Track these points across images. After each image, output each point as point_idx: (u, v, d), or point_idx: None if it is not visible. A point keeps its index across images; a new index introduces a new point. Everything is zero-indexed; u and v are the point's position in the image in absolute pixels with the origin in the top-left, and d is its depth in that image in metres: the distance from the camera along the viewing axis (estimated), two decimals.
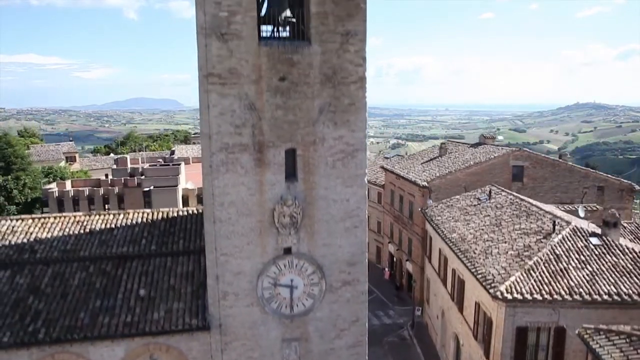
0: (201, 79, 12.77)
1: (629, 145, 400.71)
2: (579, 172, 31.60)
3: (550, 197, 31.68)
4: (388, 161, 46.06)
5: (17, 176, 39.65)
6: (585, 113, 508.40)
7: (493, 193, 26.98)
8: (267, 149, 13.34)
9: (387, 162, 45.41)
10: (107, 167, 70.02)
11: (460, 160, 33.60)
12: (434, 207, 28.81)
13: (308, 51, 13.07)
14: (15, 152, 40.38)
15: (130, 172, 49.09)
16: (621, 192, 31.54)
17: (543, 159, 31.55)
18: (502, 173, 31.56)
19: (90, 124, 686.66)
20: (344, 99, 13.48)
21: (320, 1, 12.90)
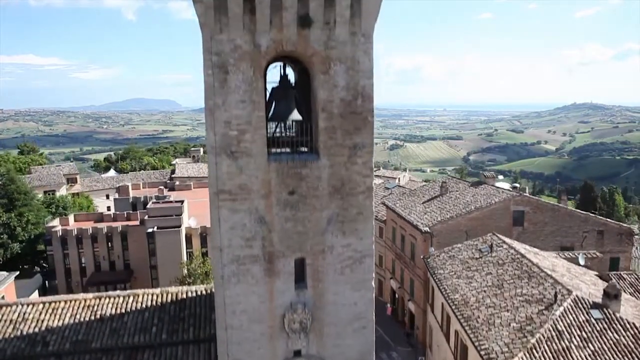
0: (212, 196, 13.04)
1: (626, 146, 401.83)
2: (578, 217, 31.98)
3: (550, 241, 32.09)
4: (389, 192, 46.43)
5: (21, 212, 39.85)
6: (582, 113, 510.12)
7: (494, 245, 27.32)
8: (277, 260, 13.63)
9: (388, 195, 45.77)
10: (108, 188, 70.37)
11: (461, 202, 33.92)
12: (436, 257, 29.14)
13: (317, 165, 13.35)
14: (18, 188, 40.53)
15: (132, 201, 49.31)
16: (620, 235, 31.93)
17: (543, 204, 31.92)
18: (503, 218, 31.92)
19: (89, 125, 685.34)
20: (352, 209, 13.77)
21: (328, 116, 13.19)
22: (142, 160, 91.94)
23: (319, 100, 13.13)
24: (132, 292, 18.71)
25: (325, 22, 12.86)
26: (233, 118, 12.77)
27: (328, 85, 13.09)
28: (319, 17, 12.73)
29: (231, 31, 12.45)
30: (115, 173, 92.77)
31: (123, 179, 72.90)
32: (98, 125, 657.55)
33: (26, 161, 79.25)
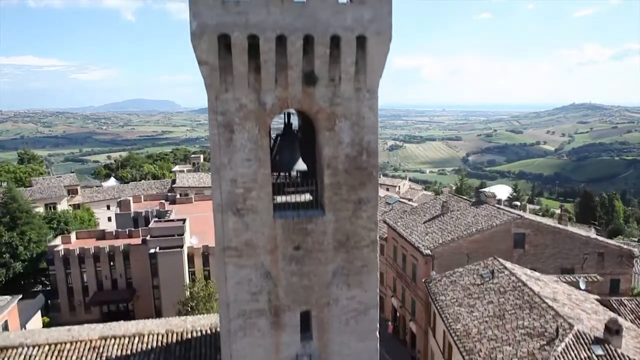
0: (219, 252, 13.15)
1: (625, 146, 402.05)
2: (579, 239, 32.10)
3: (551, 263, 32.24)
4: (390, 208, 46.54)
5: (23, 231, 39.92)
6: (581, 114, 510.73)
7: (495, 271, 27.45)
8: (283, 313, 13.73)
9: (389, 211, 45.89)
10: (108, 199, 70.43)
11: (463, 223, 34.04)
12: (438, 282, 29.27)
13: (322, 220, 13.45)
14: (20, 206, 40.60)
15: (133, 216, 49.39)
16: (621, 257, 32.08)
17: (544, 227, 32.03)
18: (504, 240, 32.06)
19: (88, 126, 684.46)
20: (357, 262, 13.88)
21: (333, 172, 13.30)
22: (142, 169, 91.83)
23: (324, 156, 13.24)
24: (138, 332, 18.78)
25: (330, 79, 12.96)
26: (239, 176, 12.87)
27: (333, 141, 13.19)
28: (324, 74, 12.82)
29: (236, 90, 12.54)
30: (116, 181, 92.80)
31: (124, 189, 72.98)
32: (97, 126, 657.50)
33: (26, 171, 79.28)
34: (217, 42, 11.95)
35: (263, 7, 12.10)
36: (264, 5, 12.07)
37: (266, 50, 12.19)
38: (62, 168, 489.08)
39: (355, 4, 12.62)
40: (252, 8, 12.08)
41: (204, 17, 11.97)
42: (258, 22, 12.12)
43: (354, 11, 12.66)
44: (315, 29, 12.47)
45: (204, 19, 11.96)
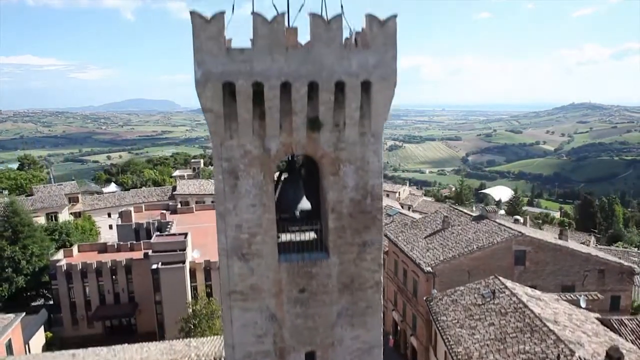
0: (224, 296, 13.20)
1: (624, 146, 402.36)
2: (580, 256, 32.21)
3: (552, 280, 32.36)
4: (391, 220, 46.67)
5: (25, 245, 40.00)
6: (580, 113, 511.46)
7: (497, 291, 27.57)
8: (288, 354, 13.82)
9: (389, 223, 46.03)
10: (109, 207, 70.54)
11: (464, 239, 34.15)
12: (439, 300, 29.38)
13: (326, 263, 13.54)
14: (22, 220, 40.68)
15: (135, 227, 49.52)
16: (622, 274, 32.21)
17: (545, 244, 32.11)
18: (505, 257, 32.17)
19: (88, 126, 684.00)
20: (361, 303, 13.97)
21: (338, 217, 13.36)
22: (143, 174, 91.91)
23: (329, 201, 13.30)
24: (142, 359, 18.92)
25: (334, 124, 13.02)
26: (244, 222, 12.94)
27: (338, 186, 13.25)
28: (329, 119, 12.89)
29: (241, 137, 12.60)
30: (116, 187, 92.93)
31: (124, 196, 73.13)
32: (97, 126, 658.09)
33: (27, 177, 79.41)
34: (222, 90, 12.03)
35: (267, 55, 12.17)
36: (269, 53, 12.13)
37: (271, 98, 12.26)
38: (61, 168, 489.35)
39: (360, 49, 12.70)
40: (256, 56, 12.13)
41: (208, 65, 12.02)
42: (262, 69, 12.18)
43: (358, 56, 12.70)
44: (320, 75, 12.53)
45: (208, 67, 12.01)
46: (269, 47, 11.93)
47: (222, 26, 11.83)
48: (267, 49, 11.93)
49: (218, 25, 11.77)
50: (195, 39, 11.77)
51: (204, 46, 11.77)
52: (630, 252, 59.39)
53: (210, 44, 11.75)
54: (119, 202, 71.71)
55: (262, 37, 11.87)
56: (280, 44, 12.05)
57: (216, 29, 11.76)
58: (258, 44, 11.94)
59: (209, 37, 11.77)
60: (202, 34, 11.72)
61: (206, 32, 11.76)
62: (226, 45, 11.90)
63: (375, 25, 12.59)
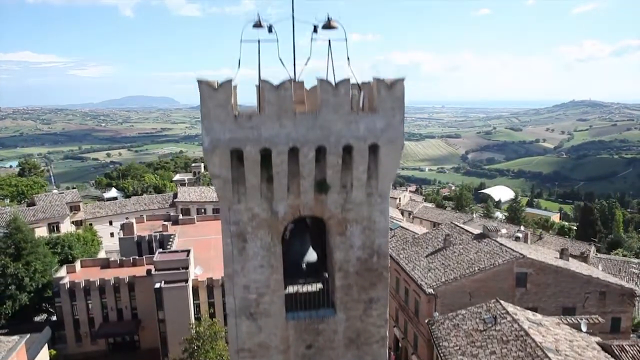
0: (232, 354, 13.40)
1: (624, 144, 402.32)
2: (581, 278, 32.39)
3: (552, 302, 32.57)
4: (392, 235, 46.77)
5: (28, 261, 40.10)
6: (580, 111, 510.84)
7: (498, 316, 27.80)
8: None
9: (390, 237, 46.15)
10: (111, 215, 70.69)
11: (465, 259, 34.33)
12: (440, 324, 29.58)
13: (333, 320, 13.69)
14: (25, 237, 40.78)
15: (137, 240, 49.68)
16: (622, 296, 32.41)
17: (546, 266, 32.28)
18: (506, 279, 32.37)
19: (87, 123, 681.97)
20: (367, 357, 14.11)
21: (344, 275, 13.50)
22: (144, 179, 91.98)
23: (336, 260, 13.45)
24: None
25: (342, 185, 13.13)
26: (252, 282, 13.09)
27: (345, 246, 13.39)
28: (336, 182, 13.01)
29: (249, 200, 12.72)
30: (117, 192, 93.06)
31: (125, 204, 73.29)
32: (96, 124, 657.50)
33: (28, 184, 79.49)
34: (230, 156, 12.15)
35: (275, 121, 12.25)
36: (277, 120, 12.21)
37: (278, 163, 12.37)
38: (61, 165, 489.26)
39: (368, 113, 12.81)
40: (264, 122, 12.22)
41: (216, 132, 12.10)
42: (270, 136, 12.27)
43: (366, 120, 12.80)
44: (328, 140, 12.62)
45: (216, 134, 12.09)
46: (277, 114, 12.00)
47: (229, 93, 11.90)
48: (275, 116, 12.01)
49: (226, 93, 11.83)
50: (203, 107, 11.81)
51: (212, 113, 11.82)
52: (630, 262, 59.61)
53: (218, 112, 11.80)
54: (120, 210, 71.89)
55: (270, 104, 11.95)
56: (288, 110, 12.12)
57: (224, 96, 11.83)
58: (266, 110, 12.01)
59: (217, 105, 11.81)
60: (209, 102, 11.78)
61: (214, 100, 11.81)
62: (234, 112, 12.03)
63: (383, 89, 12.67)
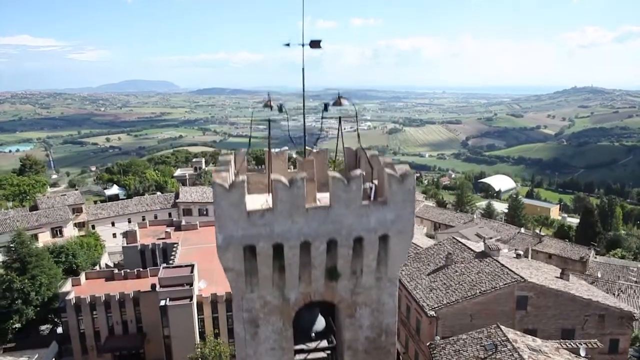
0: None
1: (625, 132, 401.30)
2: (580, 302, 32.83)
3: (552, 324, 33.09)
4: None
5: (33, 275, 40.57)
6: (582, 97, 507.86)
7: (499, 345, 28.33)
8: None
9: None
10: (113, 216, 71.15)
11: (467, 280, 34.74)
12: (442, 349, 30.15)
13: None
14: (30, 251, 41.17)
15: (140, 248, 50.14)
16: (621, 319, 32.93)
17: (547, 290, 32.70)
18: (507, 302, 32.81)
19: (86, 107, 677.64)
20: None
21: (353, 353, 13.77)
22: (145, 176, 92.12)
23: (345, 339, 13.74)
24: None
25: (352, 272, 13.36)
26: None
27: (354, 327, 13.68)
28: (346, 269, 13.22)
29: (261, 289, 12.94)
30: (118, 189, 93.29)
31: (128, 205, 73.65)
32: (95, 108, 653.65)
33: (30, 183, 79.66)
34: (243, 251, 12.36)
35: (288, 218, 12.43)
36: (289, 217, 12.39)
37: (290, 257, 12.57)
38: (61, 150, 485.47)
39: (379, 206, 12.95)
40: (277, 219, 12.38)
41: (229, 230, 12.28)
42: (283, 231, 12.45)
43: (377, 213, 12.95)
44: (339, 233, 12.81)
45: (229, 232, 12.27)
46: (289, 211, 12.15)
47: (242, 193, 12.04)
48: (287, 213, 12.16)
49: (239, 193, 11.97)
50: (216, 207, 11.97)
51: (225, 213, 12.00)
52: (629, 267, 60.22)
53: (232, 211, 11.97)
54: (122, 211, 72.28)
55: (283, 202, 12.07)
56: (300, 206, 12.28)
57: (237, 196, 11.97)
58: (278, 208, 12.16)
59: (230, 204, 11.97)
60: (223, 202, 11.93)
61: (227, 199, 11.97)
62: (247, 209, 12.18)
63: (395, 183, 12.79)
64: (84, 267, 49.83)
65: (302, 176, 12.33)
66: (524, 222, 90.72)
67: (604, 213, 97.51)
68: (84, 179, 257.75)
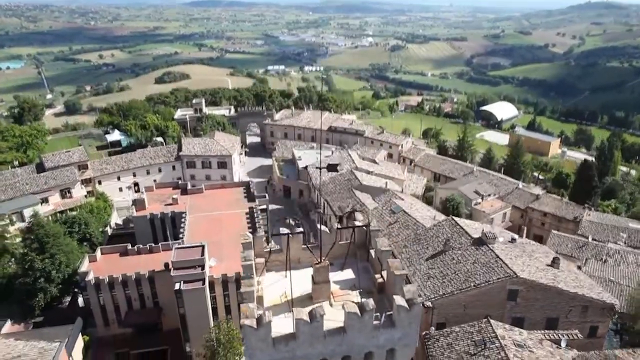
0: None
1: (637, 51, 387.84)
2: (567, 295, 35.20)
3: (539, 313, 35.79)
4: (395, 220, 48.98)
5: (52, 254, 42.80)
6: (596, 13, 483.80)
7: (487, 341, 31.06)
8: None
9: (394, 223, 48.43)
10: (118, 171, 72.38)
11: (462, 270, 36.83)
12: (436, 341, 33.02)
13: None
14: (46, 232, 42.96)
15: (150, 218, 52.01)
16: (603, 310, 35.58)
17: (536, 284, 34.88)
18: (499, 294, 35.21)
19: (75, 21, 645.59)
20: None
21: None
22: (145, 120, 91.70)
23: None
24: None
25: None
26: None
27: None
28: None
29: None
30: (120, 134, 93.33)
31: (131, 159, 74.52)
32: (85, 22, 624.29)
33: (32, 133, 79.71)
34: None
35: (308, 345, 13.83)
36: (310, 345, 13.80)
37: None
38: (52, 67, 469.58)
39: (387, 326, 14.27)
40: (299, 346, 13.85)
41: (257, 357, 13.75)
42: (303, 355, 13.98)
43: (386, 334, 14.38)
44: (352, 351, 14.32)
45: (257, 358, 13.76)
46: (309, 341, 13.65)
47: (269, 329, 13.43)
48: (308, 342, 13.67)
49: (265, 330, 13.41)
50: (246, 341, 13.59)
51: (254, 345, 13.60)
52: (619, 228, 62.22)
53: (260, 344, 13.59)
54: (127, 165, 73.32)
55: (304, 334, 13.63)
56: (320, 336, 13.71)
57: (264, 332, 13.45)
58: (300, 338, 13.67)
59: (258, 339, 13.54)
60: (252, 338, 13.45)
61: (256, 336, 13.44)
62: (272, 338, 13.59)
63: (403, 312, 14.10)
64: (97, 235, 52.08)
65: (321, 313, 13.50)
66: (523, 168, 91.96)
67: (604, 155, 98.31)
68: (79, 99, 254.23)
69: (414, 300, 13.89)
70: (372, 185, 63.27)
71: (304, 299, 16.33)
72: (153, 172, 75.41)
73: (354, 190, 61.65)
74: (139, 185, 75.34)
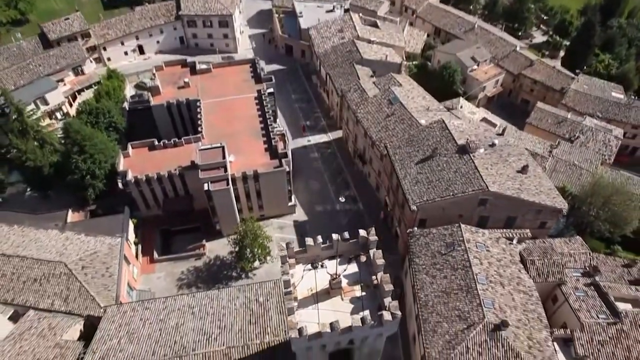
0: None
1: None
2: (528, 203, 43.02)
3: (502, 214, 44.46)
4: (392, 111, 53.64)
5: (91, 154, 48.99)
6: None
7: (455, 244, 40.41)
8: None
9: (390, 115, 53.32)
10: (120, 36, 72.75)
11: (445, 178, 44.06)
12: (417, 240, 42.41)
13: None
14: (83, 136, 48.01)
15: (167, 105, 56.49)
16: (553, 212, 44.16)
17: (504, 196, 42.44)
18: (472, 201, 43.30)
19: None
20: None
21: None
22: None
23: None
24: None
25: None
26: None
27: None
28: None
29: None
30: None
31: (132, 21, 73.10)
32: None
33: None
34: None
35: (329, 339, 22.09)
36: (329, 338, 22.06)
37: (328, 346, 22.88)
38: None
39: (378, 326, 22.31)
40: (323, 340, 22.11)
41: (297, 345, 22.14)
42: (326, 343, 22.38)
43: (376, 329, 22.45)
44: (354, 339, 22.68)
45: (298, 346, 22.19)
46: (330, 337, 22.32)
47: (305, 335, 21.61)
48: (328, 338, 22.09)
49: (304, 337, 21.55)
50: (292, 341, 21.80)
51: (301, 353, 21.86)
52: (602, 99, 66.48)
53: (299, 342, 21.84)
54: (128, 29, 72.52)
55: (326, 335, 22.47)
56: (336, 335, 22.07)
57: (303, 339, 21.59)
58: (324, 337, 22.26)
59: (299, 341, 21.76)
60: (296, 342, 21.70)
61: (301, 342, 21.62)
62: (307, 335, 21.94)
63: (388, 320, 22.03)
64: (120, 121, 57.12)
65: (337, 326, 21.55)
66: (527, 15, 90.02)
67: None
68: None
69: (395, 315, 21.79)
70: (373, 58, 65.03)
71: (324, 292, 24.19)
72: (155, 34, 75.07)
73: (355, 64, 63.79)
74: (143, 47, 76.01)
